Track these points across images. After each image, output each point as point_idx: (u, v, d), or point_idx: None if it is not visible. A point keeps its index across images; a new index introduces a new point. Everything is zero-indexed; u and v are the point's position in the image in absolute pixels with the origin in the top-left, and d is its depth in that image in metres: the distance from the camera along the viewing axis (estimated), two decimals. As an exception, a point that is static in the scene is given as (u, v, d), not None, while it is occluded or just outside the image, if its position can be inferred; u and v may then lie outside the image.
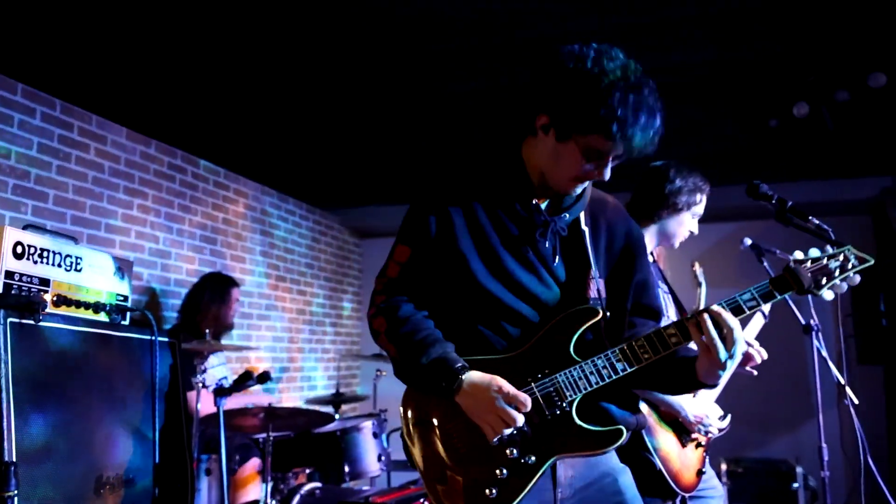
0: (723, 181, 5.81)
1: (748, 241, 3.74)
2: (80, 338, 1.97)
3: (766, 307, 3.18)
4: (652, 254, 2.99)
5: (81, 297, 2.02)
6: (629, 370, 1.67)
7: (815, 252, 1.77)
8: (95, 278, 2.16)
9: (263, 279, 5.78)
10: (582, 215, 1.83)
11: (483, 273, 1.73)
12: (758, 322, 3.13)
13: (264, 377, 3.05)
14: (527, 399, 1.61)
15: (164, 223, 4.76)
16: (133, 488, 2.00)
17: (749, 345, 2.94)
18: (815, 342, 3.66)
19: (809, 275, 1.71)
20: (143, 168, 4.60)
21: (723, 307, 1.65)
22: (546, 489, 1.70)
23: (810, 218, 2.46)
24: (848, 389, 3.15)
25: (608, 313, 1.78)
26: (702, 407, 2.71)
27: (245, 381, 2.97)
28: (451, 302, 1.77)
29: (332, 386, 6.30)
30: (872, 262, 1.75)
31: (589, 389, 1.66)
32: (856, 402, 3.12)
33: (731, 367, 1.65)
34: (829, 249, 1.77)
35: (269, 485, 3.57)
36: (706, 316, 1.63)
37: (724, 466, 5.47)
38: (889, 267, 5.18)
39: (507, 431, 1.60)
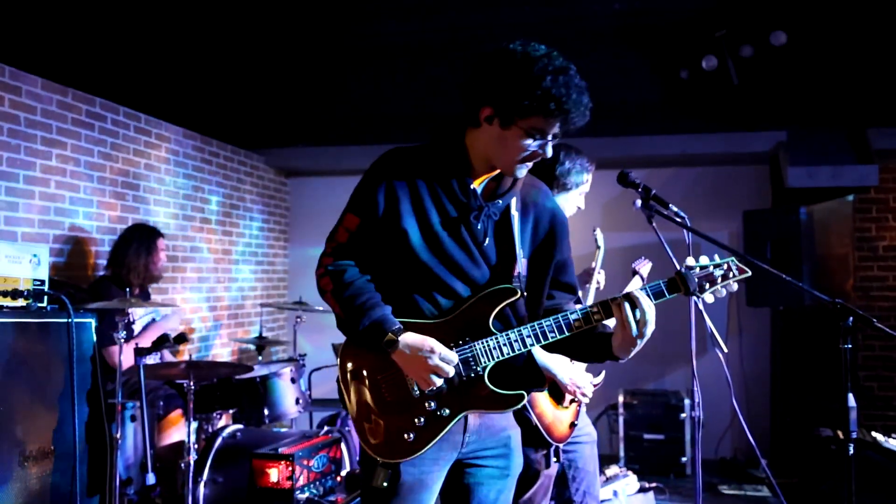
0: (633, 131, 6.12)
1: (638, 203, 4.03)
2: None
3: (645, 270, 3.52)
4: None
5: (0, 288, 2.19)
6: (535, 345, 1.97)
7: (704, 260, 2.04)
8: (12, 268, 2.32)
9: (188, 222, 5.89)
10: (514, 201, 2.08)
11: (422, 249, 1.98)
12: (636, 284, 3.43)
13: (181, 338, 3.27)
14: (454, 357, 1.92)
15: (85, 171, 4.82)
16: (55, 457, 2.22)
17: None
18: (695, 297, 3.97)
19: (696, 280, 2.00)
20: (60, 118, 4.62)
21: (644, 293, 1.94)
22: (458, 433, 2.01)
23: (670, 206, 2.76)
24: (718, 337, 3.43)
25: (530, 288, 2.08)
26: (575, 372, 3.04)
27: (162, 343, 3.18)
28: (392, 270, 2.03)
29: (257, 327, 6.52)
30: (750, 273, 2.06)
31: (501, 358, 1.97)
32: (725, 350, 3.40)
33: (640, 344, 1.95)
34: (717, 259, 2.04)
35: (193, 425, 3.82)
36: (625, 301, 1.92)
37: (621, 398, 5.96)
38: (776, 217, 5.60)
39: (438, 381, 1.91)
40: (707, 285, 2.01)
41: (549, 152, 1.98)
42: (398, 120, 6.42)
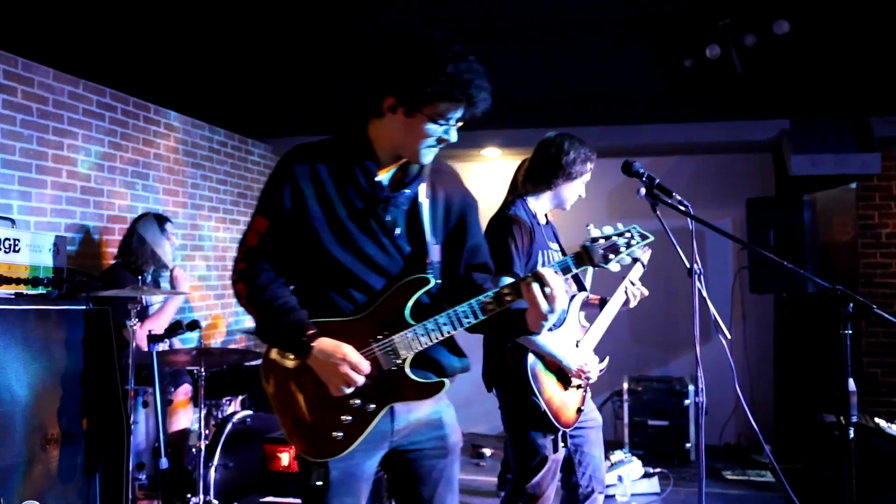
0: (637, 120, 6.15)
1: (643, 191, 4.08)
2: (16, 313, 2.22)
3: (645, 257, 3.57)
4: (546, 216, 3.32)
5: (20, 275, 2.26)
6: (453, 332, 1.99)
7: (608, 230, 2.07)
8: (33, 256, 2.39)
9: (196, 211, 5.96)
10: (422, 188, 2.08)
11: (333, 245, 1.98)
12: (637, 270, 3.48)
13: (193, 325, 3.33)
14: (366, 366, 1.92)
15: (96, 161, 4.88)
16: (75, 440, 2.30)
17: (632, 283, 3.39)
18: (697, 284, 4.01)
19: (601, 251, 2.03)
20: (71, 108, 4.68)
21: (553, 269, 1.96)
22: (386, 424, 2.04)
23: (674, 194, 2.81)
24: (721, 324, 3.46)
25: (446, 273, 2.11)
26: (581, 356, 3.11)
27: (175, 330, 3.25)
28: (306, 270, 2.04)
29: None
30: (652, 238, 2.10)
31: (420, 349, 1.98)
32: (728, 336, 3.43)
33: (553, 318, 1.97)
34: (620, 227, 2.08)
35: (203, 412, 3.89)
36: (533, 280, 1.93)
37: (625, 385, 6.02)
38: (779, 205, 5.64)
39: (348, 391, 1.93)
40: (612, 255, 2.04)
41: (454, 137, 2.00)
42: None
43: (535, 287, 1.92)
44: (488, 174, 6.80)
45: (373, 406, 1.98)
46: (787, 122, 5.88)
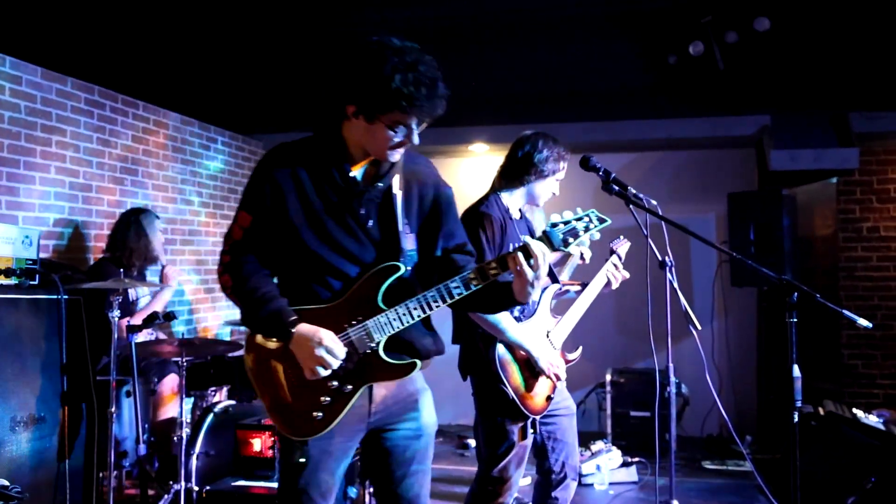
0: (621, 116, 6.23)
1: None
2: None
3: (622, 250, 3.65)
4: (520, 210, 3.41)
5: (-7, 266, 2.35)
6: (423, 315, 2.12)
7: (567, 214, 2.19)
8: (5, 248, 2.48)
9: (185, 206, 6.06)
10: (396, 181, 2.21)
11: (311, 238, 2.12)
12: (613, 261, 3.55)
13: (170, 316, 3.43)
14: (340, 349, 2.05)
15: (84, 157, 4.98)
16: (43, 424, 2.40)
17: (615, 266, 3.48)
18: (669, 276, 4.08)
19: (561, 235, 2.15)
20: (60, 105, 4.78)
21: (533, 241, 2.08)
22: (363, 405, 2.17)
23: (629, 188, 2.90)
24: (692, 315, 3.51)
25: (422, 259, 2.23)
26: (550, 353, 3.19)
27: (152, 320, 3.35)
28: (286, 260, 2.18)
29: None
30: (609, 221, 2.24)
31: (393, 332, 2.11)
32: (699, 327, 3.49)
33: (538, 286, 2.10)
34: (579, 212, 2.20)
35: (189, 402, 4.00)
36: (519, 250, 2.06)
37: (608, 377, 6.11)
38: (759, 200, 5.71)
39: (324, 373, 2.05)
40: (571, 239, 2.17)
41: (416, 140, 2.11)
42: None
43: (521, 257, 2.05)
44: (476, 169, 6.88)
45: (350, 387, 2.11)
46: (767, 118, 5.96)
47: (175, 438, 3.76)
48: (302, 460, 2.11)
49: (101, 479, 3.26)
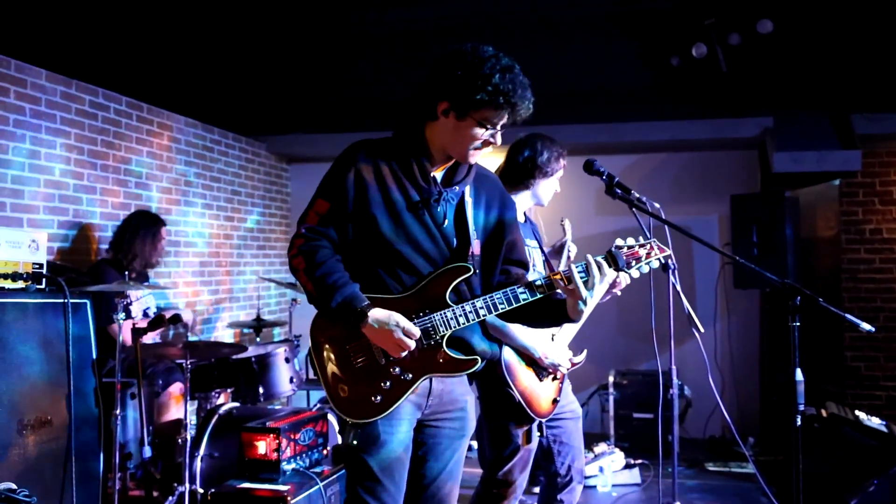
0: (624, 117, 6.24)
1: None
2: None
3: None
4: (525, 213, 3.42)
5: (0, 271, 2.37)
6: (488, 315, 2.21)
7: (631, 241, 2.31)
8: (12, 252, 2.50)
9: (189, 208, 6.07)
10: (468, 189, 2.32)
11: (389, 231, 2.20)
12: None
13: (175, 319, 3.44)
14: (417, 331, 2.15)
15: (89, 160, 5.00)
16: (51, 427, 2.41)
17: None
18: (672, 278, 4.10)
19: (625, 258, 2.27)
20: (64, 108, 4.79)
21: (595, 260, 2.20)
22: (421, 396, 2.25)
23: (632, 192, 2.90)
24: (694, 317, 3.53)
25: (484, 266, 2.33)
26: (555, 350, 3.20)
27: (158, 324, 3.36)
28: (360, 250, 2.25)
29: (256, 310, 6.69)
30: (669, 252, 2.35)
31: (457, 328, 2.20)
32: (701, 330, 3.51)
33: (591, 305, 2.21)
34: (642, 240, 2.31)
35: (194, 405, 4.01)
36: (574, 269, 2.18)
37: (611, 378, 6.11)
38: (762, 202, 5.72)
39: (403, 354, 2.14)
40: (633, 262, 2.29)
41: (499, 140, 2.22)
42: (397, 106, 6.52)
43: (577, 275, 2.17)
44: (478, 171, 6.88)
45: (410, 375, 2.19)
46: (770, 120, 5.97)
47: (179, 441, 3.77)
48: (355, 443, 2.17)
49: (106, 481, 3.27)
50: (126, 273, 4.01)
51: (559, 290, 2.24)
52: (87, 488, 2.85)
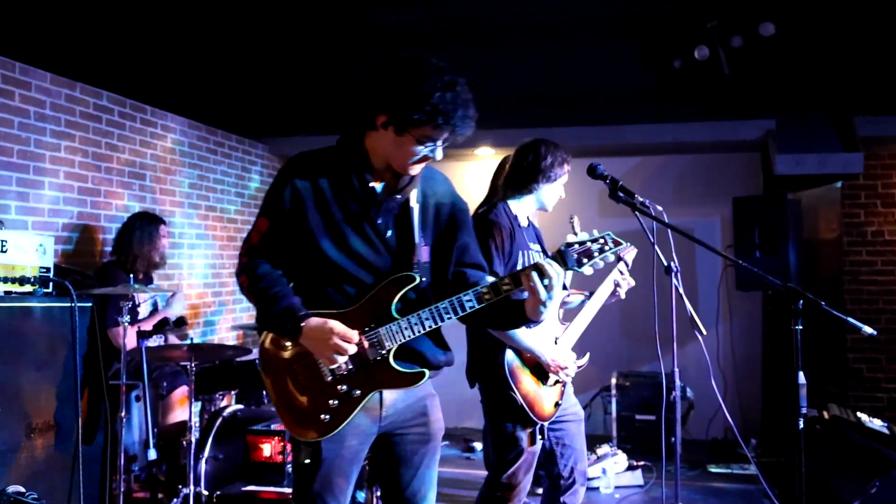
0: (626, 120, 6.25)
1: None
2: (3, 311, 2.35)
3: (629, 256, 3.68)
4: (528, 218, 3.44)
5: (8, 275, 2.39)
6: (434, 326, 2.15)
7: (583, 236, 2.20)
8: (20, 256, 2.52)
9: (193, 210, 6.09)
10: (413, 194, 2.26)
11: (328, 245, 2.16)
12: (620, 268, 3.58)
13: (180, 322, 3.46)
14: (354, 335, 2.09)
15: (92, 162, 5.02)
16: (58, 430, 2.44)
17: (621, 273, 3.51)
18: (674, 281, 4.09)
19: (575, 255, 2.16)
20: (68, 111, 4.81)
21: (548, 262, 2.11)
22: (374, 410, 2.22)
23: (636, 196, 2.92)
24: (697, 320, 3.53)
25: (435, 272, 2.28)
26: (559, 353, 3.21)
27: (163, 326, 3.37)
28: (303, 266, 2.23)
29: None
30: (624, 245, 2.23)
31: (403, 340, 2.15)
32: (704, 332, 3.52)
33: (551, 306, 2.12)
34: (595, 234, 2.20)
35: (198, 406, 4.02)
36: (533, 269, 2.10)
37: (613, 380, 6.13)
38: (764, 204, 5.73)
39: (341, 360, 2.09)
40: (585, 259, 2.17)
41: (439, 155, 2.16)
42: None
43: (535, 276, 2.08)
44: (481, 173, 6.88)
45: (358, 392, 2.15)
46: (772, 122, 5.97)
47: (184, 443, 3.79)
48: (307, 461, 2.15)
49: (112, 483, 3.29)
50: (132, 276, 4.02)
51: (517, 290, 2.15)
52: (93, 491, 2.86)
